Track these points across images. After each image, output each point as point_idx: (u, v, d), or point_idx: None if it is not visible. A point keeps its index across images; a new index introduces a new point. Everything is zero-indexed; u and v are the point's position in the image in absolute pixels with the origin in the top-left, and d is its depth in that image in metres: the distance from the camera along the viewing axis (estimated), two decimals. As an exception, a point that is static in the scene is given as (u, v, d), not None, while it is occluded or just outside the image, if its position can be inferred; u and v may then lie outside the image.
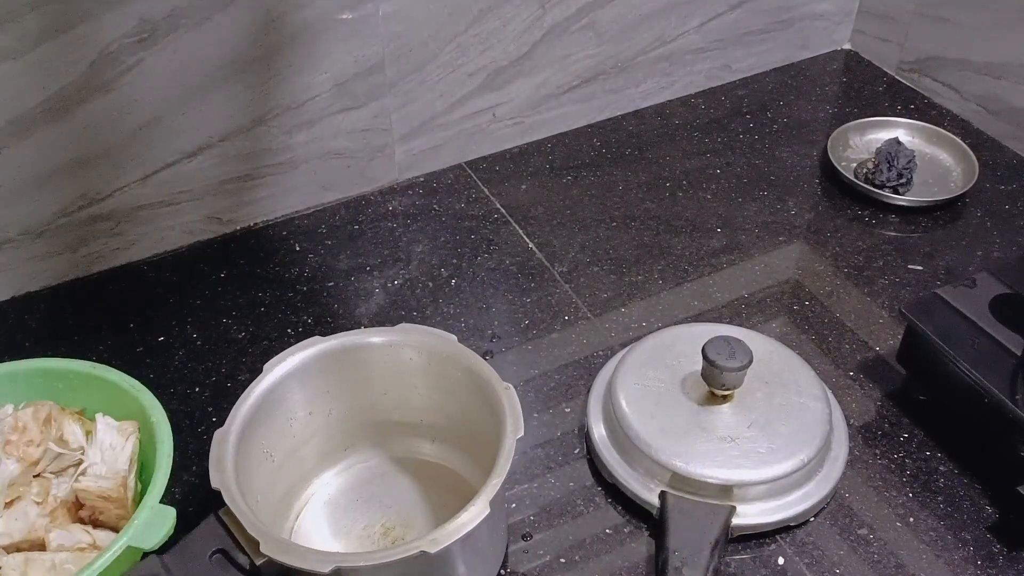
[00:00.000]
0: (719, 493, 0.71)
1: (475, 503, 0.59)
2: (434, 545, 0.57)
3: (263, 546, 0.58)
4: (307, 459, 0.74)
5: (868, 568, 0.70)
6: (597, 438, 0.77)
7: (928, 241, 0.99)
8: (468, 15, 0.99)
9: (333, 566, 0.56)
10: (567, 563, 0.71)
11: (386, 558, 0.58)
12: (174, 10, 0.84)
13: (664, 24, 1.12)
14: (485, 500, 0.59)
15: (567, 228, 1.01)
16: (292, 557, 0.57)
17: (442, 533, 0.58)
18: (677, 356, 0.78)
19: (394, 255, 0.98)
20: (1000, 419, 0.72)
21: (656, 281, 0.94)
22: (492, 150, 1.11)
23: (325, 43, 0.93)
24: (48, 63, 0.81)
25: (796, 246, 0.98)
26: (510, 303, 0.92)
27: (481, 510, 0.59)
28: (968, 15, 1.11)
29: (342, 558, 0.59)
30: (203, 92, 0.90)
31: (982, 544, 0.71)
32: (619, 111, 1.17)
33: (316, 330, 0.81)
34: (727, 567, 0.70)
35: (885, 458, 0.78)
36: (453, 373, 0.70)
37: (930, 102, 1.18)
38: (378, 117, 1.01)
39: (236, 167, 0.96)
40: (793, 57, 1.25)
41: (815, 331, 0.88)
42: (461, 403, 0.71)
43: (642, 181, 1.07)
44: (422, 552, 0.57)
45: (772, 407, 0.74)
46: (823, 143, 1.10)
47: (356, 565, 0.58)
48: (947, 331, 0.77)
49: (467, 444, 0.74)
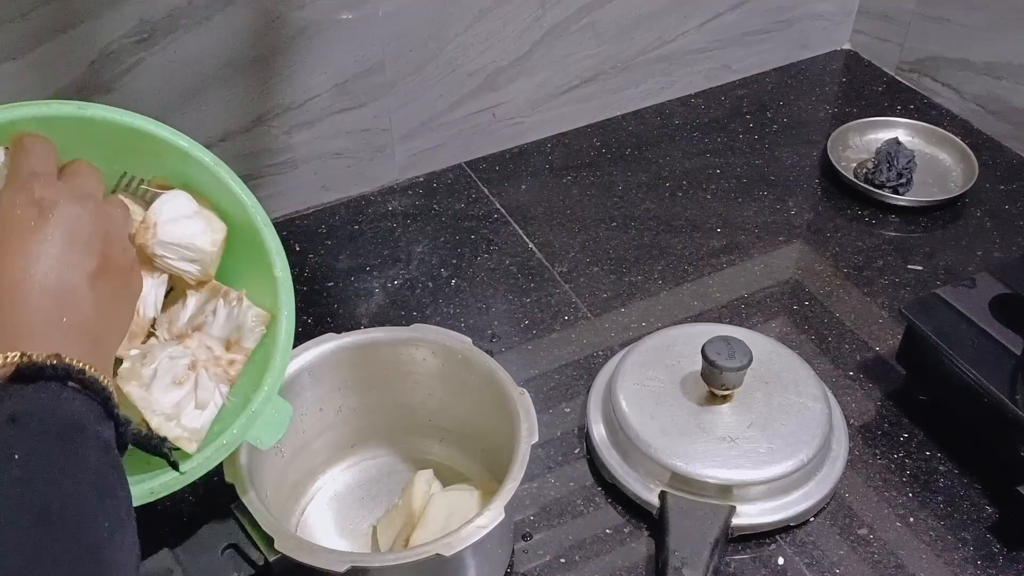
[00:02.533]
0: (719, 493, 0.71)
1: (491, 508, 0.59)
2: (449, 548, 0.57)
3: (278, 543, 0.58)
4: (316, 455, 0.74)
5: (868, 568, 0.70)
6: (597, 438, 0.77)
7: (928, 241, 0.99)
8: (468, 15, 0.99)
9: (348, 565, 0.56)
10: (567, 563, 0.71)
11: (401, 560, 0.58)
12: (174, 10, 0.84)
13: (664, 24, 1.12)
14: (500, 505, 0.59)
15: (567, 228, 1.01)
16: (307, 555, 0.57)
17: (457, 537, 0.58)
18: (677, 356, 0.78)
19: (394, 255, 0.98)
20: (1000, 419, 0.72)
21: (656, 281, 0.94)
22: (492, 150, 1.11)
23: (325, 43, 0.93)
24: (48, 63, 0.81)
25: (796, 246, 0.98)
26: (510, 303, 0.92)
27: (496, 515, 0.59)
28: (968, 15, 1.11)
29: (357, 558, 0.59)
30: (203, 92, 0.90)
31: (982, 544, 0.71)
32: (619, 111, 1.17)
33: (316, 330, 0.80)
34: (727, 567, 0.70)
35: (885, 458, 0.78)
36: (466, 375, 0.70)
37: (930, 102, 1.18)
38: (378, 117, 1.01)
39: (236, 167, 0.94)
40: (793, 57, 1.25)
41: (815, 331, 0.88)
42: (473, 406, 0.71)
43: (642, 181, 1.07)
44: (437, 555, 0.57)
45: (772, 407, 0.74)
46: (823, 143, 1.10)
47: (371, 565, 0.58)
48: (947, 331, 0.77)
49: (475, 446, 0.74)
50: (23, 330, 0.45)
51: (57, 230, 0.48)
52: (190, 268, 0.64)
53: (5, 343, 0.44)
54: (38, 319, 0.45)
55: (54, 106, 0.56)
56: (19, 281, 0.46)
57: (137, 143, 0.61)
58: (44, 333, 0.45)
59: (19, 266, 0.46)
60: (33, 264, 0.46)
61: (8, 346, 0.43)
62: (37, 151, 0.52)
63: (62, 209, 0.48)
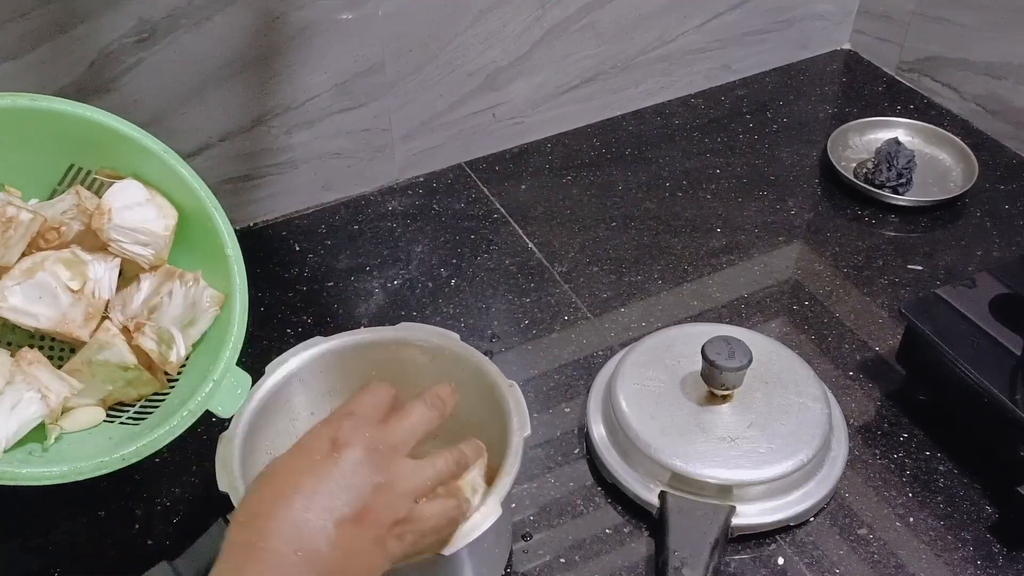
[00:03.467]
0: (719, 493, 0.71)
1: (487, 503, 0.59)
2: (449, 548, 0.57)
3: None
4: None
5: (868, 568, 0.70)
6: (597, 438, 0.77)
7: (928, 241, 0.99)
8: (468, 15, 0.99)
9: None
10: (567, 563, 0.71)
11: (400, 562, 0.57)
12: (174, 10, 0.84)
13: (664, 24, 1.12)
14: (497, 500, 0.59)
15: (567, 228, 1.01)
16: None
17: (456, 534, 0.57)
18: (677, 356, 0.78)
19: (394, 255, 0.98)
20: (1000, 419, 0.72)
21: (656, 281, 0.94)
22: (492, 150, 1.11)
23: (325, 43, 0.93)
24: (48, 63, 0.81)
25: (796, 246, 0.98)
26: (510, 303, 0.92)
27: (493, 510, 0.59)
28: (968, 15, 1.11)
29: None
30: (203, 92, 0.90)
31: (982, 544, 0.71)
32: (619, 111, 1.17)
33: (316, 330, 0.80)
34: (727, 567, 0.70)
35: (885, 458, 0.78)
36: (456, 371, 0.70)
37: (930, 102, 1.18)
38: (378, 117, 1.01)
39: (236, 167, 0.96)
40: (793, 57, 1.25)
41: (815, 331, 0.88)
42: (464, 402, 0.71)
43: (642, 181, 1.07)
44: (438, 554, 0.57)
45: (772, 407, 0.74)
46: (823, 143, 1.10)
47: None
48: (947, 331, 0.77)
49: None
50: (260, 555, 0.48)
51: (335, 469, 0.51)
52: (144, 252, 0.67)
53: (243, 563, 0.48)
54: (277, 547, 0.48)
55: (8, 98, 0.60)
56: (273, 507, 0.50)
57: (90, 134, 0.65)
58: (276, 564, 0.48)
59: (283, 494, 0.50)
60: (295, 496, 0.50)
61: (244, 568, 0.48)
62: (367, 398, 0.57)
63: (348, 452, 0.52)
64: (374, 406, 0.57)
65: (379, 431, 0.55)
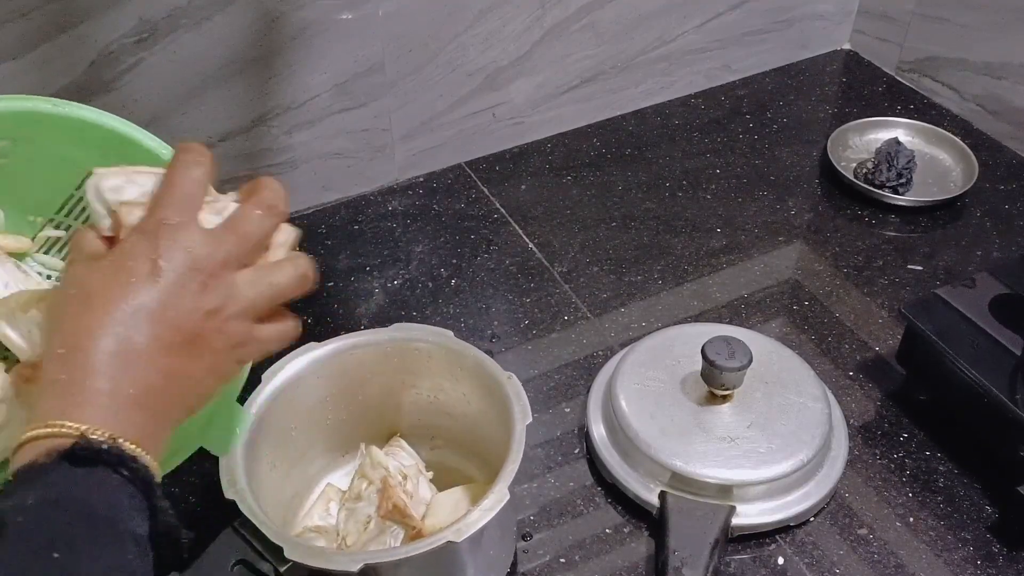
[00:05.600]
0: (719, 493, 0.71)
1: (494, 490, 0.59)
2: (459, 534, 0.57)
3: (287, 552, 0.57)
4: (311, 465, 0.74)
5: (868, 568, 0.70)
6: (597, 438, 0.77)
7: (928, 241, 0.99)
8: (468, 15, 0.99)
9: (362, 564, 0.56)
10: (567, 563, 0.71)
11: (412, 552, 0.57)
12: (174, 10, 0.84)
13: (664, 24, 1.12)
14: (504, 486, 0.59)
15: (567, 228, 1.01)
16: (319, 559, 0.57)
17: (465, 523, 0.57)
18: (677, 356, 0.78)
19: (394, 255, 0.98)
20: (1000, 419, 0.72)
21: (656, 281, 0.94)
22: (492, 150, 1.11)
23: (325, 43, 0.93)
24: (48, 63, 0.81)
25: (796, 246, 0.98)
26: (510, 303, 0.92)
27: (501, 496, 0.59)
28: (968, 15, 1.11)
29: (369, 556, 0.59)
30: (203, 92, 0.90)
31: (982, 544, 0.71)
32: (619, 111, 1.17)
33: (316, 330, 0.81)
34: (727, 567, 0.70)
35: (885, 458, 0.78)
36: (453, 369, 0.70)
37: (930, 102, 1.18)
38: (378, 117, 1.01)
39: (236, 167, 0.96)
40: (793, 57, 1.25)
41: (815, 331, 0.88)
42: (462, 398, 0.71)
43: (642, 181, 1.07)
44: (448, 542, 0.56)
45: (772, 407, 0.74)
46: (823, 143, 1.10)
47: (383, 561, 0.58)
48: (947, 331, 0.77)
49: (469, 442, 0.74)
50: (87, 396, 0.43)
51: (158, 294, 0.45)
52: None
53: (66, 406, 0.42)
54: (104, 386, 0.43)
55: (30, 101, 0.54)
56: (96, 340, 0.44)
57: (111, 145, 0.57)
58: (106, 405, 0.43)
59: (103, 324, 0.44)
60: (118, 326, 0.44)
61: (69, 411, 0.42)
62: (177, 190, 0.48)
63: (170, 275, 0.46)
64: (189, 198, 0.48)
65: (204, 245, 0.47)
